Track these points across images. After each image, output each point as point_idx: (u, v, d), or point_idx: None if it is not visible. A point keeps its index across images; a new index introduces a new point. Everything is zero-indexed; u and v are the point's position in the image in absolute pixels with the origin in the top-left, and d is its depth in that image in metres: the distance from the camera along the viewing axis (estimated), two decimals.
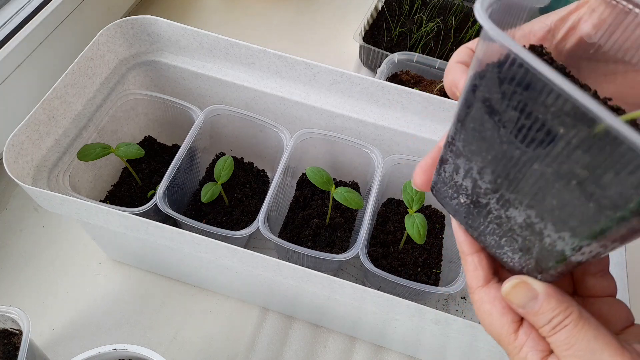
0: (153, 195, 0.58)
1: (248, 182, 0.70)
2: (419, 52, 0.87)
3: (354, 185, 0.72)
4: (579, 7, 0.33)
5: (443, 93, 0.78)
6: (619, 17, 0.32)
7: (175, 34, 0.64)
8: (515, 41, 0.21)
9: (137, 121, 0.70)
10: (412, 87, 0.74)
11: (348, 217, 0.67)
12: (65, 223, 0.70)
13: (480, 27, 0.39)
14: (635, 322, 0.30)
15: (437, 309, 0.59)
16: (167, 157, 0.71)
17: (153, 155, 0.72)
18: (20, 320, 0.50)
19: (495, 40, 0.21)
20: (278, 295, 0.60)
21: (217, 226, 0.58)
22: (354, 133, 0.66)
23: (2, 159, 0.57)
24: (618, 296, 0.48)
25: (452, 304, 0.68)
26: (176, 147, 0.72)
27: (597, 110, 0.19)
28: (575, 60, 0.34)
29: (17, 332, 0.54)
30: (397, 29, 0.90)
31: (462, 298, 0.68)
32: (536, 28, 0.34)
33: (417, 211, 0.58)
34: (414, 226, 0.57)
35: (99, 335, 0.62)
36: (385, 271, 0.56)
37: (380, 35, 0.90)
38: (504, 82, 0.22)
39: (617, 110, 0.25)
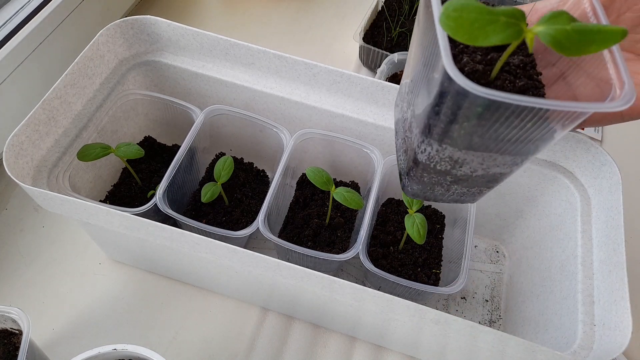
0: (153, 195, 0.58)
1: (248, 182, 0.70)
2: None
3: (354, 185, 0.72)
4: None
5: None
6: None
7: (175, 34, 0.64)
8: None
9: (137, 121, 0.70)
10: None
11: (348, 217, 0.67)
12: (65, 223, 0.70)
13: None
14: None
15: (437, 309, 0.59)
16: (167, 157, 0.71)
17: (153, 155, 0.71)
18: (20, 320, 0.50)
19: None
20: (278, 295, 0.60)
21: (217, 226, 0.58)
22: (354, 133, 0.66)
23: (2, 159, 0.57)
24: (617, 299, 0.48)
25: (452, 304, 0.68)
26: (176, 147, 0.72)
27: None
28: None
29: (17, 332, 0.54)
30: (397, 29, 0.89)
31: (462, 298, 0.68)
32: (546, 4, 0.36)
33: (417, 211, 0.58)
34: (414, 226, 0.57)
35: (98, 335, 0.62)
36: (385, 271, 0.57)
37: (380, 35, 0.90)
38: None
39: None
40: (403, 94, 0.40)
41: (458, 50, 0.32)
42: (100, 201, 0.66)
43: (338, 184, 0.73)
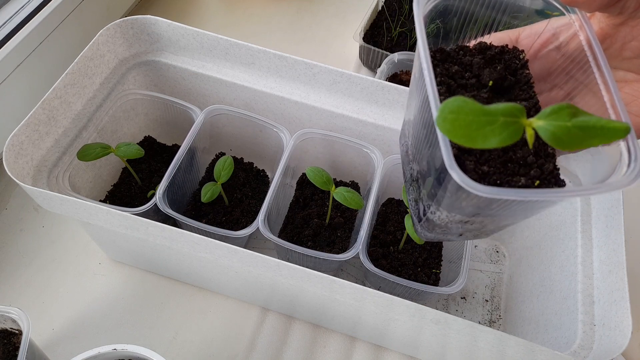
0: (153, 195, 0.58)
1: (248, 182, 0.70)
2: None
3: (354, 185, 0.72)
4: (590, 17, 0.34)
5: None
6: (617, 28, 0.33)
7: (175, 34, 0.64)
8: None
9: (137, 121, 0.70)
10: None
11: (348, 217, 0.67)
12: (65, 223, 0.70)
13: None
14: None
15: (437, 309, 0.59)
16: (167, 157, 0.71)
17: (153, 155, 0.72)
18: (20, 320, 0.50)
19: None
20: (278, 295, 0.60)
21: (217, 226, 0.58)
22: (354, 133, 0.65)
23: (2, 158, 0.57)
24: (617, 299, 0.48)
25: (452, 304, 0.68)
26: (176, 147, 0.72)
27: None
28: (581, 65, 0.35)
29: (17, 332, 0.54)
30: (397, 29, 0.89)
31: (462, 298, 0.68)
32: (542, 30, 0.35)
33: None
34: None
35: (98, 335, 0.62)
36: (385, 271, 0.56)
37: (380, 35, 0.90)
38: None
39: None
40: (406, 136, 0.40)
41: None
42: (100, 201, 0.66)
43: (338, 184, 0.73)
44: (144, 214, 0.56)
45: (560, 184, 0.30)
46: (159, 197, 0.57)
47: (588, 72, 0.33)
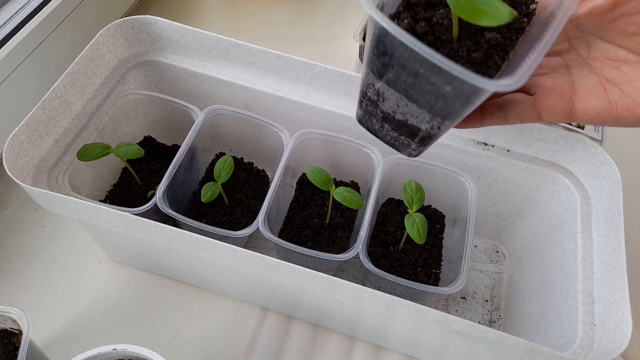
0: (153, 195, 0.58)
1: (248, 182, 0.70)
2: None
3: (354, 185, 0.72)
4: None
5: None
6: None
7: (175, 34, 0.64)
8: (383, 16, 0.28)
9: (137, 121, 0.70)
10: None
11: (348, 217, 0.67)
12: (65, 223, 0.70)
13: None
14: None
15: (437, 309, 0.59)
16: (167, 157, 0.71)
17: (153, 155, 0.72)
18: (20, 320, 0.50)
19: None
20: (278, 295, 0.60)
21: (217, 226, 0.58)
22: (354, 133, 0.65)
23: (2, 158, 0.57)
24: (617, 299, 0.48)
25: (452, 304, 0.68)
26: (176, 147, 0.72)
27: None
28: (586, 34, 0.35)
29: (17, 332, 0.54)
30: None
31: (462, 298, 0.68)
32: None
33: (417, 211, 0.58)
34: (414, 226, 0.57)
35: (99, 335, 0.62)
36: (385, 271, 0.56)
37: None
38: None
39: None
40: None
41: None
42: (100, 201, 0.66)
43: (338, 184, 0.73)
44: (144, 214, 0.56)
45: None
46: (159, 197, 0.57)
47: (603, 44, 0.34)
